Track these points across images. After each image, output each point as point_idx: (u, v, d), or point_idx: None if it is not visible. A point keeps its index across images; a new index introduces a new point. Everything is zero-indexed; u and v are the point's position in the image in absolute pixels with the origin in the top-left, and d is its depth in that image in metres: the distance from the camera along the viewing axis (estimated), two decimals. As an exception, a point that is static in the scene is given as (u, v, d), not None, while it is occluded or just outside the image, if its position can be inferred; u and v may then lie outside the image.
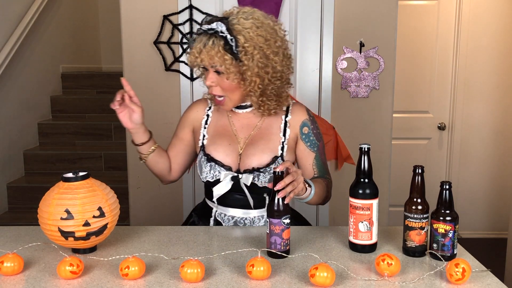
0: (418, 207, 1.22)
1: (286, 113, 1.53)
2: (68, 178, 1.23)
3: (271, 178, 1.46)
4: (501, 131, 3.72)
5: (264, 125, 1.52)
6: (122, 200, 1.37)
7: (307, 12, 2.58)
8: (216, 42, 1.34)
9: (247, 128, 1.53)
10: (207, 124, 1.56)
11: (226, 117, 1.55)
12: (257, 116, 1.53)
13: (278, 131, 1.51)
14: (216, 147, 1.51)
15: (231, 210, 1.53)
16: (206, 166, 1.50)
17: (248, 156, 1.48)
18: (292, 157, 1.53)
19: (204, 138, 1.54)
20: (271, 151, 1.48)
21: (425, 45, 3.62)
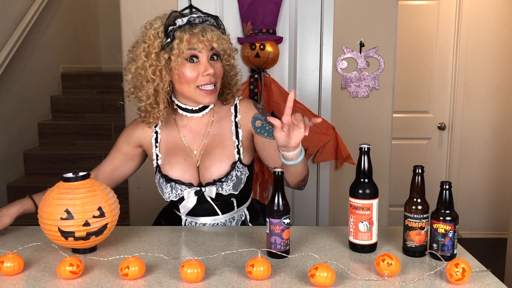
0: (418, 207, 1.22)
1: (235, 113, 1.50)
2: (68, 178, 1.23)
3: (234, 184, 1.45)
4: (501, 131, 3.72)
5: (215, 131, 1.49)
6: (122, 200, 1.37)
7: (307, 12, 2.58)
8: (213, 28, 1.39)
9: (199, 138, 1.49)
10: (158, 142, 1.50)
11: (176, 131, 1.50)
12: (208, 122, 1.49)
13: (230, 134, 1.48)
14: (172, 166, 1.47)
15: (200, 219, 1.52)
16: (167, 187, 1.47)
17: (206, 168, 1.46)
18: (250, 156, 1.51)
19: (158, 158, 1.49)
20: (228, 158, 1.46)
21: (425, 45, 3.62)
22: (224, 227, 1.51)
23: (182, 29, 1.36)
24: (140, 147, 1.55)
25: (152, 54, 1.37)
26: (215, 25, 1.41)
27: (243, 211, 1.55)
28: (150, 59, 1.37)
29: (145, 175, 2.77)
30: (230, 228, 1.50)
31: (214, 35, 1.37)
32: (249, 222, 1.57)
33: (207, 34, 1.36)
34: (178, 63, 1.36)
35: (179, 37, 1.35)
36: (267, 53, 2.47)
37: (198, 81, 1.38)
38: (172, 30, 1.36)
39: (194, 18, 1.37)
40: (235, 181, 1.45)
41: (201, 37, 1.35)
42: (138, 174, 2.75)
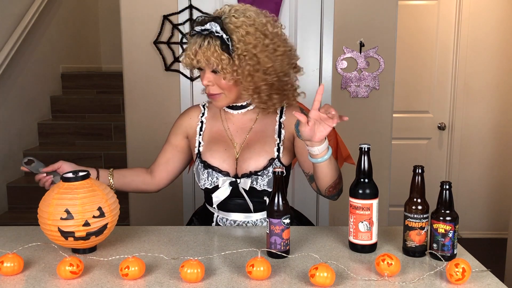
0: (418, 207, 1.22)
1: (280, 114, 1.52)
2: (68, 178, 1.23)
3: (269, 181, 1.45)
4: (501, 131, 3.72)
5: (259, 128, 1.51)
6: (122, 200, 1.37)
7: (307, 12, 2.58)
8: (212, 42, 1.34)
9: (242, 132, 1.52)
10: (202, 131, 1.55)
11: (221, 122, 1.54)
12: (252, 118, 1.52)
13: (273, 133, 1.50)
14: (212, 153, 1.50)
15: (232, 214, 1.52)
16: (204, 173, 1.49)
17: (245, 160, 1.47)
18: (289, 157, 1.52)
19: (200, 145, 1.53)
20: (267, 153, 1.47)
21: (425, 45, 3.62)
22: (225, 227, 1.51)
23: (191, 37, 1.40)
24: (187, 139, 1.59)
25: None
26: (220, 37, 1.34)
27: None
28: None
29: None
30: (230, 228, 1.50)
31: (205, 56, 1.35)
32: None
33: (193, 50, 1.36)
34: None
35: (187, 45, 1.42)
36: (267, 53, 2.47)
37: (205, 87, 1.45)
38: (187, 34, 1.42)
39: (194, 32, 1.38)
40: (270, 177, 1.45)
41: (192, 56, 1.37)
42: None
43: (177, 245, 1.34)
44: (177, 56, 2.66)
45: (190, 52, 1.37)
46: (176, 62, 2.67)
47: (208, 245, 1.34)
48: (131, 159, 2.78)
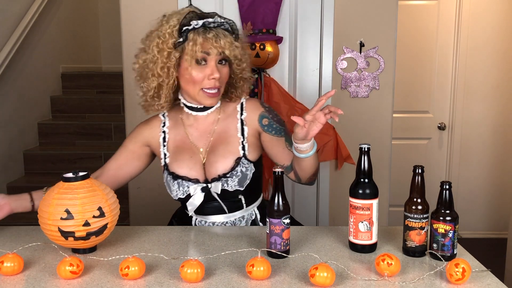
0: (418, 207, 1.22)
1: (241, 111, 1.52)
2: (68, 178, 1.23)
3: (240, 181, 1.46)
4: (501, 131, 3.72)
5: (221, 129, 1.51)
6: (122, 200, 1.37)
7: (307, 12, 2.58)
8: (227, 34, 1.40)
9: (205, 136, 1.51)
10: (166, 142, 1.53)
11: (183, 130, 1.53)
12: (214, 120, 1.51)
13: (235, 132, 1.49)
14: (179, 163, 1.49)
15: (210, 217, 1.53)
16: (174, 184, 1.49)
17: (211, 164, 1.47)
18: (256, 153, 1.51)
19: (166, 156, 1.52)
20: (232, 154, 1.47)
21: (425, 45, 3.63)
22: (224, 227, 1.51)
23: (196, 31, 1.38)
24: (147, 147, 1.57)
25: (164, 51, 1.39)
26: (229, 31, 1.42)
27: (253, 210, 1.56)
28: (162, 56, 1.40)
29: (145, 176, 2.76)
30: (230, 228, 1.50)
31: (227, 42, 1.39)
32: (260, 222, 1.57)
33: (220, 41, 1.38)
34: (188, 64, 1.39)
35: (193, 40, 1.37)
36: (267, 53, 2.47)
37: (203, 83, 1.41)
38: (186, 30, 1.38)
39: (209, 22, 1.38)
40: (240, 177, 1.46)
41: (215, 43, 1.37)
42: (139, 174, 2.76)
43: (177, 245, 1.34)
44: (177, 56, 2.66)
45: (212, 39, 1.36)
46: (176, 62, 2.67)
47: (208, 245, 1.34)
48: (131, 159, 2.78)
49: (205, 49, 1.37)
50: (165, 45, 1.39)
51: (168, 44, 1.39)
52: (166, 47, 1.39)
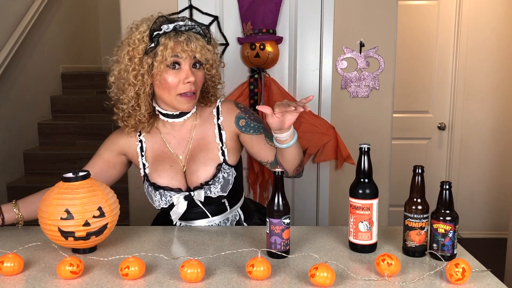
0: (418, 207, 1.22)
1: (217, 116, 1.51)
2: (68, 178, 1.23)
3: (222, 186, 1.46)
4: (501, 131, 3.72)
5: (199, 135, 1.50)
6: (122, 200, 1.37)
7: (307, 12, 2.58)
8: (199, 37, 1.39)
9: (183, 143, 1.50)
10: (144, 151, 1.51)
11: (160, 139, 1.51)
12: (191, 127, 1.50)
13: (213, 137, 1.48)
14: (159, 173, 1.48)
15: (194, 222, 1.52)
16: (156, 195, 1.48)
17: (193, 172, 1.46)
18: (236, 156, 1.51)
19: (145, 167, 1.51)
20: (212, 161, 1.46)
21: (425, 45, 3.62)
22: (224, 227, 1.51)
23: (167, 35, 1.36)
24: (123, 155, 1.55)
25: (135, 58, 1.37)
26: (201, 34, 1.40)
27: (236, 211, 1.56)
28: (133, 63, 1.37)
29: (145, 175, 2.77)
30: (230, 228, 1.50)
31: (198, 45, 1.37)
32: (244, 222, 1.57)
33: (191, 44, 1.36)
34: (160, 69, 1.36)
35: (164, 44, 1.35)
36: (267, 53, 2.47)
37: (178, 88, 1.39)
38: (157, 35, 1.36)
39: (180, 25, 1.37)
40: (222, 183, 1.46)
41: (185, 47, 1.35)
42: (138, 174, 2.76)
43: (177, 245, 1.34)
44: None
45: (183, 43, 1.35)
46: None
47: (208, 245, 1.34)
48: (131, 159, 2.78)
49: (176, 53, 1.35)
50: (136, 52, 1.37)
51: (138, 50, 1.36)
52: (137, 54, 1.36)
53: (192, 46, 1.36)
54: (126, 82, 1.40)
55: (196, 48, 1.36)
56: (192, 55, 1.37)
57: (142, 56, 1.36)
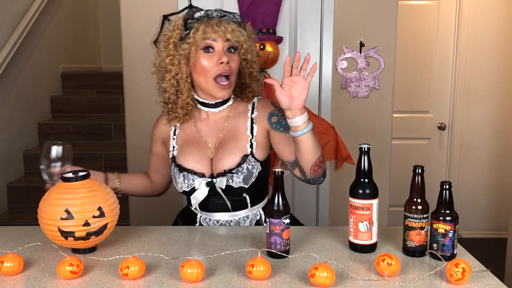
0: (418, 207, 1.22)
1: (252, 110, 1.54)
2: (68, 178, 1.23)
3: (245, 178, 1.47)
4: (501, 131, 3.72)
5: (231, 126, 1.53)
6: (122, 200, 1.37)
7: (307, 12, 2.58)
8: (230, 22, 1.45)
9: (215, 132, 1.53)
10: (176, 135, 1.57)
11: (193, 125, 1.55)
12: (225, 117, 1.53)
13: (245, 129, 1.51)
14: (186, 156, 1.51)
15: (215, 214, 1.53)
16: (180, 176, 1.50)
17: (218, 159, 1.49)
18: (264, 152, 1.52)
19: (174, 149, 1.55)
20: (239, 151, 1.48)
21: (425, 45, 3.63)
22: (224, 227, 1.51)
23: (200, 21, 1.43)
24: (164, 144, 1.61)
25: (170, 44, 1.45)
26: (233, 21, 1.46)
27: (257, 211, 1.56)
28: (168, 49, 1.46)
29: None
30: (230, 228, 1.50)
31: (229, 27, 1.43)
32: (264, 223, 1.57)
33: (222, 25, 1.42)
34: (194, 53, 1.43)
35: (196, 28, 1.42)
36: (267, 53, 2.47)
37: (213, 71, 1.43)
38: (191, 22, 1.43)
39: (212, 11, 1.44)
40: (245, 174, 1.46)
41: (216, 27, 1.41)
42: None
43: (177, 245, 1.34)
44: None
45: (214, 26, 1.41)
46: (176, 62, 2.67)
47: (208, 245, 1.34)
48: (131, 159, 2.78)
49: (207, 35, 1.41)
50: (170, 39, 1.45)
51: (173, 37, 1.45)
52: (171, 40, 1.45)
53: (223, 27, 1.42)
54: (164, 70, 1.49)
55: (226, 28, 1.42)
56: (224, 36, 1.42)
57: (177, 42, 1.45)
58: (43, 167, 1.43)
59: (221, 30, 1.41)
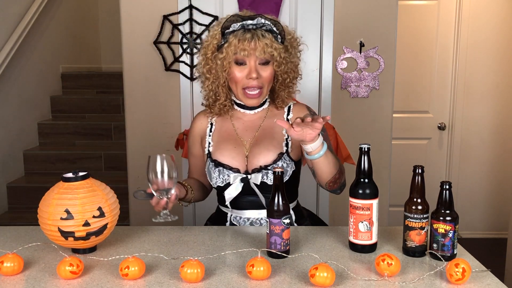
0: (418, 207, 1.22)
1: (288, 113, 1.57)
2: (68, 178, 1.23)
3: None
4: (501, 131, 3.72)
5: (267, 125, 1.55)
6: (122, 200, 1.37)
7: (307, 12, 2.58)
8: (266, 35, 1.43)
9: (250, 130, 1.55)
10: (212, 132, 1.58)
11: (229, 122, 1.57)
12: (261, 117, 1.56)
13: (280, 129, 1.53)
14: (222, 152, 1.53)
15: (246, 212, 1.53)
16: (215, 171, 1.52)
17: (254, 156, 1.50)
18: (297, 153, 1.54)
19: (209, 145, 1.57)
20: (276, 148, 1.50)
21: (425, 45, 3.62)
22: (224, 226, 1.51)
23: (235, 33, 1.44)
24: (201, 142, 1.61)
25: (208, 53, 1.49)
26: (271, 30, 1.45)
27: None
28: (206, 58, 1.50)
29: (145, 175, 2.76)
30: (230, 228, 1.50)
31: (263, 41, 1.42)
32: (295, 223, 1.57)
33: (255, 40, 1.42)
34: (228, 65, 1.45)
35: (229, 42, 1.43)
36: (267, 53, 2.47)
37: (243, 82, 1.46)
38: (227, 33, 1.44)
39: (248, 24, 1.44)
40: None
41: (247, 45, 1.42)
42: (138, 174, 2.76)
43: (177, 245, 1.34)
44: (177, 56, 2.66)
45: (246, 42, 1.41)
46: (176, 62, 2.67)
47: (208, 245, 1.34)
48: (131, 159, 2.78)
49: (237, 50, 1.42)
50: (209, 48, 1.48)
51: (211, 47, 1.48)
52: (209, 50, 1.48)
53: (253, 44, 1.42)
54: (203, 75, 1.54)
55: (258, 46, 1.42)
56: (256, 53, 1.43)
57: (214, 51, 1.47)
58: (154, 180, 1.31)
59: (253, 48, 1.42)
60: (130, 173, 2.79)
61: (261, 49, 1.42)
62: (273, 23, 1.45)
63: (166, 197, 1.32)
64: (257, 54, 1.43)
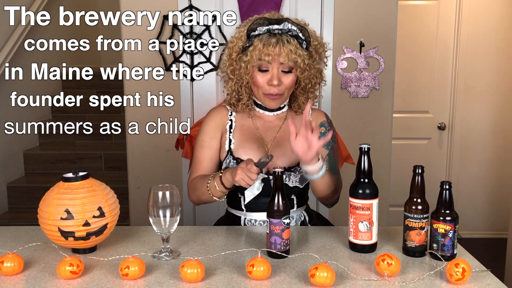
0: (418, 207, 1.22)
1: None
2: (68, 178, 1.23)
3: (301, 178, 1.49)
4: (501, 131, 3.72)
5: (287, 127, 1.52)
6: (122, 200, 1.37)
7: (307, 12, 2.58)
8: (292, 41, 1.41)
9: (271, 131, 1.55)
10: (232, 129, 1.57)
11: (250, 121, 1.57)
12: (281, 118, 1.57)
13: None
14: (246, 150, 1.52)
15: (260, 214, 1.52)
16: None
17: (278, 157, 1.50)
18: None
19: (231, 142, 1.55)
20: None
21: (425, 45, 3.62)
22: (224, 226, 1.51)
23: (261, 37, 1.43)
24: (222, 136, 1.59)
25: (233, 55, 1.48)
26: (296, 36, 1.43)
27: (301, 212, 1.57)
28: (231, 59, 1.49)
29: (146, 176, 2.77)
30: (230, 228, 1.50)
31: (287, 47, 1.41)
32: (308, 223, 1.58)
33: (280, 46, 1.40)
34: (251, 69, 1.45)
35: (254, 45, 1.43)
36: (267, 53, 2.47)
37: (264, 88, 1.46)
38: (253, 36, 1.44)
39: (274, 29, 1.42)
40: (302, 174, 1.47)
41: (272, 49, 1.40)
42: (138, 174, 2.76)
43: (177, 245, 1.34)
44: (177, 56, 2.66)
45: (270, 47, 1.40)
46: (176, 62, 2.67)
47: (208, 245, 1.34)
48: (131, 159, 2.78)
49: (261, 55, 1.41)
50: (234, 49, 1.48)
51: (235, 48, 1.47)
52: (234, 52, 1.48)
53: (277, 50, 1.41)
54: (226, 76, 1.54)
55: (282, 52, 1.40)
56: (279, 60, 1.42)
57: (239, 53, 1.47)
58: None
59: (277, 54, 1.41)
60: (130, 173, 2.79)
61: (285, 55, 1.41)
62: (299, 29, 1.44)
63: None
64: (281, 60, 1.42)
